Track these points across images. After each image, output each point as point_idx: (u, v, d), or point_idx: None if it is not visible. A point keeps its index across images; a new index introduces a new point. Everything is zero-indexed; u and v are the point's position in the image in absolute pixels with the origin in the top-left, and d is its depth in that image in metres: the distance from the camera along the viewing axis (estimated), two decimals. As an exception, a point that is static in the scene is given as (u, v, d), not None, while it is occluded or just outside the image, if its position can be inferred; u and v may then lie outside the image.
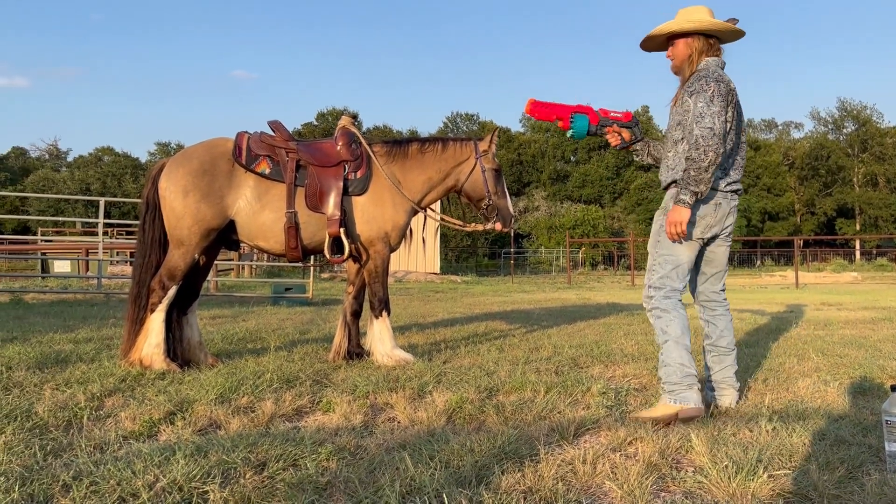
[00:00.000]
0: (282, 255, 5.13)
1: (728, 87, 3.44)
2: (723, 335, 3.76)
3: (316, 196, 4.97)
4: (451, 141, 5.48)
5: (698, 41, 3.57)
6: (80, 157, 65.22)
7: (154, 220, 4.95)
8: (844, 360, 5.22)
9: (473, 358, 5.33)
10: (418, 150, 5.38)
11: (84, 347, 5.58)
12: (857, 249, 52.03)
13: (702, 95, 3.38)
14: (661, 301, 3.58)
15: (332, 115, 58.15)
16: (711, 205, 3.53)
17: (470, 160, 5.42)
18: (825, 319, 8.60)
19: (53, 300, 11.61)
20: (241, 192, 4.90)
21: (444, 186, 5.47)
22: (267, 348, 5.72)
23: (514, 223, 5.52)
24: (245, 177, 4.92)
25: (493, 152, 5.45)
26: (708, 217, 3.54)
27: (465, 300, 12.88)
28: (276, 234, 4.95)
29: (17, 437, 2.99)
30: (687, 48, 3.59)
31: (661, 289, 3.58)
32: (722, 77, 3.45)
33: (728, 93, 3.42)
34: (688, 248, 3.57)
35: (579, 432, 3.19)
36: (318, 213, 4.99)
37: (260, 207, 4.92)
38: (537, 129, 64.33)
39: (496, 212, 5.45)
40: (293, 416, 3.57)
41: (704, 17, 3.55)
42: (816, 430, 3.11)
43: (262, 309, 10.15)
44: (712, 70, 3.48)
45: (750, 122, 71.79)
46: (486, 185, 5.39)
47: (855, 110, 61.50)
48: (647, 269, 3.71)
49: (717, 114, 3.35)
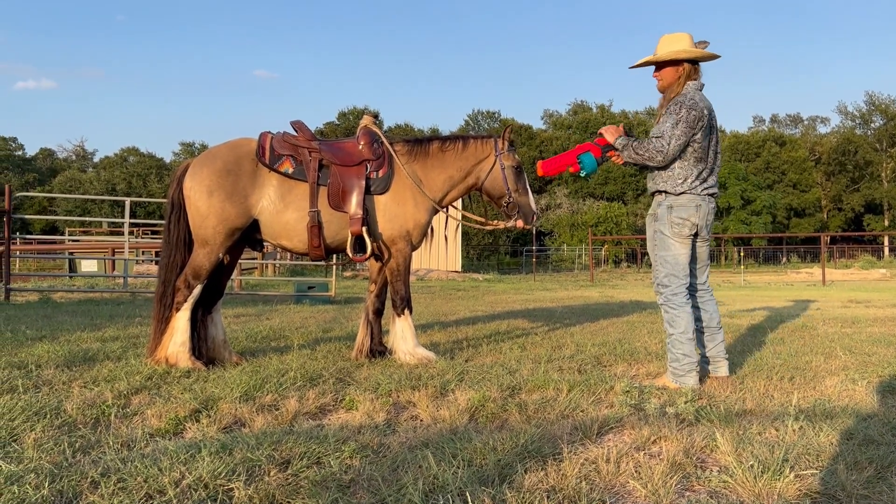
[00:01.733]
0: (305, 254, 5.16)
1: (699, 114, 4.02)
2: (713, 317, 4.34)
3: (338, 195, 5.00)
4: (472, 139, 5.48)
5: (684, 68, 4.17)
6: (106, 158, 66.13)
7: (179, 220, 5.00)
8: (873, 358, 5.15)
9: (495, 356, 5.32)
10: (439, 149, 5.38)
11: (111, 346, 5.66)
12: (885, 246, 51.16)
13: (672, 118, 4.04)
14: (671, 298, 4.18)
15: (353, 115, 58.35)
16: (693, 206, 4.14)
17: (490, 158, 5.41)
18: (853, 317, 8.48)
19: (81, 299, 11.79)
20: (265, 192, 4.94)
21: (465, 185, 5.47)
22: (290, 346, 5.76)
23: (537, 220, 5.49)
24: (269, 176, 4.96)
25: (512, 150, 5.44)
26: (692, 217, 4.13)
27: (487, 298, 12.87)
28: (300, 233, 4.98)
29: (47, 435, 3.04)
30: (675, 73, 4.19)
31: (669, 286, 4.18)
32: (695, 105, 4.04)
33: (697, 119, 4.02)
34: (682, 245, 4.16)
35: (603, 431, 3.18)
36: (340, 212, 5.02)
37: (283, 207, 4.95)
38: (559, 126, 64.10)
39: (517, 209, 5.45)
40: (317, 413, 3.59)
41: (688, 46, 4.13)
42: (844, 430, 3.07)
43: (285, 307, 10.23)
44: (689, 97, 4.07)
45: (775, 118, 71.05)
46: (506, 182, 5.39)
47: (883, 104, 60.45)
48: (652, 269, 4.34)
49: (676, 137, 4.02)
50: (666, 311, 4.21)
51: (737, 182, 48.00)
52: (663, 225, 4.20)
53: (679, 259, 4.16)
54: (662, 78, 4.22)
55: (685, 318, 4.14)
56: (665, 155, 4.05)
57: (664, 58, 4.15)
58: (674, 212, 4.15)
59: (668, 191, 4.18)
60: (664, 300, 4.21)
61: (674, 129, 4.02)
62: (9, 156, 64.15)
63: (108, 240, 23.04)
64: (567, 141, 60.33)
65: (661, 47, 4.20)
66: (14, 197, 11.40)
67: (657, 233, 4.24)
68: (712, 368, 4.34)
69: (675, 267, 4.16)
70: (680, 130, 4.01)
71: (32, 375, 4.35)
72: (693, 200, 4.13)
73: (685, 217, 4.12)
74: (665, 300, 4.20)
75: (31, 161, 68.32)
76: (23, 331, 6.57)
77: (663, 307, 4.24)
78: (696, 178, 4.13)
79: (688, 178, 4.12)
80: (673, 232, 4.16)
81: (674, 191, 4.15)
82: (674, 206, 4.16)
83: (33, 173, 63.56)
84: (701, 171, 4.14)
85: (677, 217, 4.14)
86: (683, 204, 4.14)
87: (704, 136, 4.09)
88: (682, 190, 4.13)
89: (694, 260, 4.29)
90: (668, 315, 4.20)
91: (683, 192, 4.14)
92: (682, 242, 4.15)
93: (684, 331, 4.13)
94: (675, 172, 4.14)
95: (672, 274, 4.16)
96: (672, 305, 4.17)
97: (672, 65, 4.18)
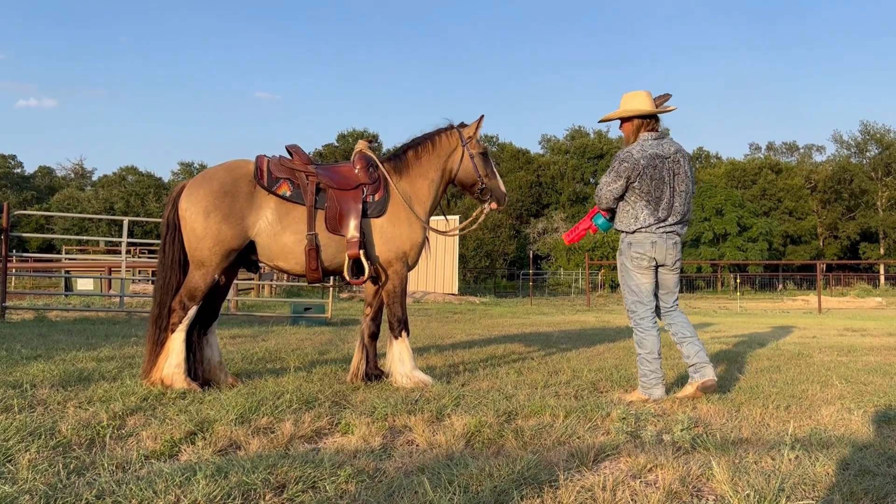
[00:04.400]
0: (302, 276, 5.17)
1: (631, 164, 4.62)
2: (683, 327, 4.80)
3: (336, 218, 5.03)
4: (437, 134, 5.56)
5: (634, 124, 4.80)
6: (105, 177, 66.26)
7: (174, 241, 5.00)
8: (869, 387, 5.15)
9: (492, 381, 5.32)
10: (415, 157, 5.47)
11: (106, 366, 5.64)
12: (881, 274, 51.26)
13: (611, 169, 4.74)
14: (639, 322, 4.75)
15: (352, 137, 58.63)
16: (648, 243, 4.69)
17: (458, 149, 5.53)
18: (849, 345, 8.48)
19: (76, 318, 11.76)
20: (262, 214, 4.96)
21: (444, 182, 5.57)
22: (286, 368, 5.75)
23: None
24: (266, 199, 4.98)
25: (477, 137, 5.55)
26: (649, 252, 4.69)
27: (484, 322, 12.86)
28: (297, 255, 5.00)
29: (42, 456, 3.03)
30: (630, 127, 4.83)
31: (636, 311, 4.76)
32: (628, 157, 4.66)
33: (629, 168, 4.62)
34: (642, 276, 4.74)
35: (599, 458, 3.17)
36: (337, 236, 5.04)
37: (281, 229, 4.97)
38: (557, 151, 64.46)
39: (489, 193, 5.58)
40: (312, 437, 3.58)
41: (644, 103, 4.76)
42: (840, 460, 3.07)
43: (281, 328, 10.20)
44: (628, 150, 4.71)
45: (771, 145, 71.50)
46: (477, 170, 5.50)
47: (878, 134, 60.93)
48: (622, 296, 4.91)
49: (607, 184, 4.72)
50: (636, 333, 4.78)
51: (733, 209, 48.19)
52: (626, 258, 4.78)
53: (642, 287, 4.74)
54: (623, 132, 4.89)
55: (651, 339, 4.70)
56: (599, 199, 4.80)
57: (612, 117, 4.85)
58: (632, 247, 4.73)
59: (624, 230, 4.78)
60: (635, 323, 4.77)
61: (606, 177, 4.74)
62: (7, 173, 64.26)
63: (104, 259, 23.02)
64: (564, 165, 60.67)
65: (622, 104, 4.84)
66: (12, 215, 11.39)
67: (622, 265, 4.82)
68: (698, 375, 4.68)
69: (640, 295, 4.74)
70: (610, 178, 4.71)
71: (27, 395, 4.34)
72: (648, 238, 4.70)
73: (642, 252, 4.70)
74: (636, 323, 4.76)
75: (30, 179, 68.43)
76: (18, 349, 6.55)
77: (634, 329, 4.79)
78: (648, 217, 4.68)
79: (638, 217, 4.70)
80: (633, 265, 4.74)
81: (628, 229, 4.74)
82: (632, 242, 4.74)
83: (31, 191, 63.62)
84: (654, 212, 4.67)
85: (635, 252, 4.72)
86: (640, 241, 4.71)
87: (644, 181, 4.63)
88: (635, 228, 4.71)
89: (660, 286, 4.85)
90: (637, 336, 4.77)
91: (637, 231, 4.72)
92: (643, 273, 4.73)
93: (650, 351, 4.68)
94: (627, 214, 4.75)
95: (637, 301, 4.75)
96: (641, 329, 4.74)
97: (628, 120, 4.82)
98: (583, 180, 60.97)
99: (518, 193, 57.78)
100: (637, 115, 4.79)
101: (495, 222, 47.73)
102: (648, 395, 4.63)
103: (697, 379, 4.67)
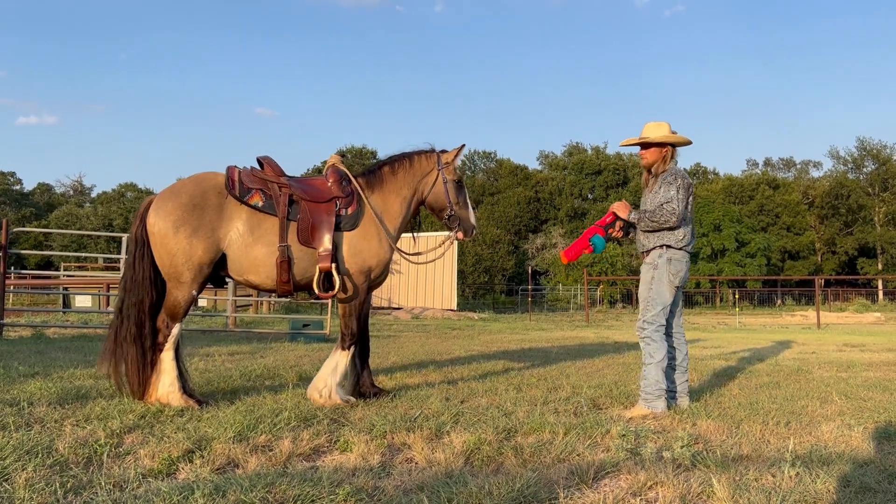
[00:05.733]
0: (272, 291, 5.13)
1: (691, 183, 4.93)
2: (684, 357, 5.15)
3: (308, 230, 5.00)
4: (416, 154, 5.56)
5: (669, 150, 5.03)
6: (104, 193, 66.36)
7: (143, 258, 4.92)
8: (868, 403, 5.14)
9: (491, 397, 5.30)
10: (391, 173, 5.46)
11: (104, 383, 5.61)
12: (879, 289, 51.27)
13: (673, 186, 4.87)
14: (653, 333, 4.92)
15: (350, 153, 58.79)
16: (685, 262, 4.98)
17: (433, 172, 5.51)
18: (848, 361, 8.47)
19: (74, 335, 11.72)
20: (233, 226, 4.92)
21: (415, 201, 5.54)
22: (285, 385, 5.73)
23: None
24: (237, 210, 4.95)
25: (455, 165, 5.53)
26: (683, 270, 4.96)
27: (483, 338, 12.83)
28: (268, 268, 4.96)
29: (39, 474, 3.02)
30: (659, 153, 5.03)
31: (654, 323, 4.93)
32: (686, 176, 4.93)
33: (690, 186, 4.92)
34: (671, 292, 4.94)
35: (599, 475, 3.16)
36: (309, 248, 5.01)
37: (252, 241, 4.93)
38: (554, 167, 64.65)
39: (458, 222, 5.53)
40: (311, 455, 3.56)
41: (669, 132, 5.00)
42: (841, 477, 3.06)
43: (279, 345, 10.18)
44: (680, 171, 4.95)
45: (768, 161, 71.79)
46: (448, 196, 5.47)
47: (874, 149, 61.17)
48: (641, 308, 5.05)
49: (681, 200, 4.84)
50: (648, 344, 4.92)
51: (731, 224, 48.25)
52: (663, 272, 4.91)
53: (667, 302, 4.95)
54: (647, 157, 5.06)
55: (663, 349, 4.90)
56: (678, 216, 4.80)
57: (657, 140, 4.97)
58: (672, 263, 4.91)
59: (671, 245, 4.91)
60: (649, 334, 4.92)
61: (678, 194, 4.84)
62: (6, 190, 64.32)
63: (103, 275, 22.98)
64: (562, 181, 60.83)
65: (649, 131, 5.01)
66: (10, 231, 11.39)
67: (655, 279, 4.93)
68: (673, 402, 5.04)
69: (662, 309, 4.94)
70: (682, 195, 4.85)
71: (24, 413, 4.32)
72: (685, 255, 4.98)
73: (680, 269, 4.94)
74: (649, 334, 4.92)
75: (29, 196, 68.48)
76: (15, 367, 6.53)
77: (646, 340, 4.94)
78: (689, 236, 4.97)
79: (686, 235, 4.93)
80: (670, 280, 4.90)
81: (676, 245, 4.91)
82: (673, 258, 4.92)
83: (30, 208, 63.65)
84: (691, 230, 5.01)
85: (674, 268, 4.91)
86: (680, 258, 4.94)
87: (692, 201, 4.98)
88: (681, 246, 4.92)
89: (675, 304, 5.10)
90: (650, 347, 4.91)
91: (682, 248, 4.93)
92: (671, 289, 4.95)
93: (661, 360, 4.87)
94: (678, 231, 4.91)
95: (658, 314, 4.94)
96: (656, 338, 4.91)
97: (657, 146, 5.01)
98: (581, 196, 61.13)
99: (516, 209, 57.87)
100: (681, 145, 5.09)
101: (494, 238, 47.79)
102: (651, 409, 4.72)
103: (671, 404, 4.97)
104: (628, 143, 5.14)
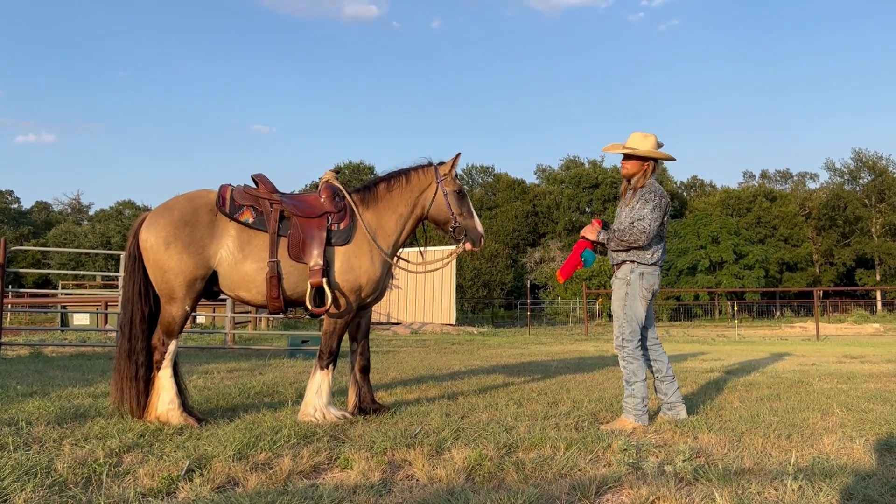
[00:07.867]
0: (263, 307, 5.13)
1: (667, 201, 4.94)
2: (667, 366, 5.16)
3: (299, 245, 5.00)
4: (413, 170, 5.52)
5: (651, 164, 5.01)
6: (102, 211, 66.37)
7: (135, 273, 4.97)
8: (869, 415, 5.13)
9: (491, 412, 5.29)
10: (386, 190, 5.43)
11: (103, 402, 5.59)
12: (878, 300, 51.28)
13: (649, 204, 4.87)
14: (633, 351, 4.96)
15: (348, 169, 58.90)
16: (657, 275, 5.02)
17: (432, 186, 5.45)
18: (848, 372, 8.46)
19: (72, 353, 11.68)
20: (224, 242, 4.94)
21: (414, 218, 5.48)
22: (284, 402, 5.71)
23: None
24: (227, 226, 4.96)
25: (453, 175, 5.48)
26: (655, 283, 5.01)
27: (482, 352, 12.81)
28: (259, 284, 4.96)
29: (38, 495, 3.00)
30: (640, 166, 5.01)
31: (632, 340, 4.96)
32: (664, 194, 4.94)
33: (667, 205, 4.93)
34: (643, 306, 4.98)
35: (601, 491, 3.15)
36: (300, 263, 5.00)
37: (242, 257, 4.94)
38: (552, 180, 64.77)
39: (464, 233, 5.47)
40: (311, 472, 3.55)
41: (655, 146, 4.96)
42: (843, 489, 3.05)
43: (278, 361, 10.15)
44: (658, 188, 4.96)
45: (765, 173, 71.97)
46: (450, 208, 5.42)
47: (870, 161, 61.38)
48: (616, 325, 5.05)
49: (654, 219, 4.84)
50: (630, 363, 4.95)
51: (729, 236, 48.32)
52: (636, 288, 4.96)
53: (640, 317, 4.98)
54: (627, 167, 5.05)
55: (643, 369, 4.99)
56: (648, 235, 4.84)
57: (640, 153, 4.95)
58: (644, 278, 4.96)
59: (642, 262, 4.95)
60: (630, 352, 4.96)
61: (652, 213, 4.86)
62: (4, 209, 64.36)
63: (101, 293, 22.95)
64: (560, 195, 60.96)
65: (634, 142, 4.97)
66: (8, 250, 11.38)
67: (627, 295, 4.98)
68: (673, 413, 5.06)
69: (638, 324, 4.98)
70: (656, 214, 4.86)
71: (23, 433, 4.30)
72: (657, 270, 5.02)
73: (652, 283, 4.99)
74: (628, 353, 4.96)
75: (27, 214, 68.52)
76: (13, 386, 6.50)
77: (627, 360, 4.96)
78: (661, 252, 5.01)
79: (656, 252, 4.98)
80: (643, 295, 4.96)
81: (646, 262, 4.96)
82: (644, 273, 4.96)
83: (28, 226, 63.64)
84: (662, 246, 5.04)
85: (647, 283, 4.96)
86: (651, 273, 4.99)
87: (667, 217, 5.00)
88: (652, 261, 4.97)
89: (648, 318, 5.14)
90: (631, 366, 4.94)
91: (653, 263, 4.98)
92: (644, 303, 5.00)
93: (644, 377, 4.95)
94: (647, 250, 4.95)
95: (634, 331, 4.97)
96: (635, 357, 4.96)
97: (639, 159, 4.99)
98: (578, 209, 61.20)
99: (514, 223, 57.94)
100: (664, 160, 5.11)
101: (492, 252, 47.81)
102: (640, 422, 4.81)
103: (671, 416, 5.02)
104: (612, 149, 5.12)
